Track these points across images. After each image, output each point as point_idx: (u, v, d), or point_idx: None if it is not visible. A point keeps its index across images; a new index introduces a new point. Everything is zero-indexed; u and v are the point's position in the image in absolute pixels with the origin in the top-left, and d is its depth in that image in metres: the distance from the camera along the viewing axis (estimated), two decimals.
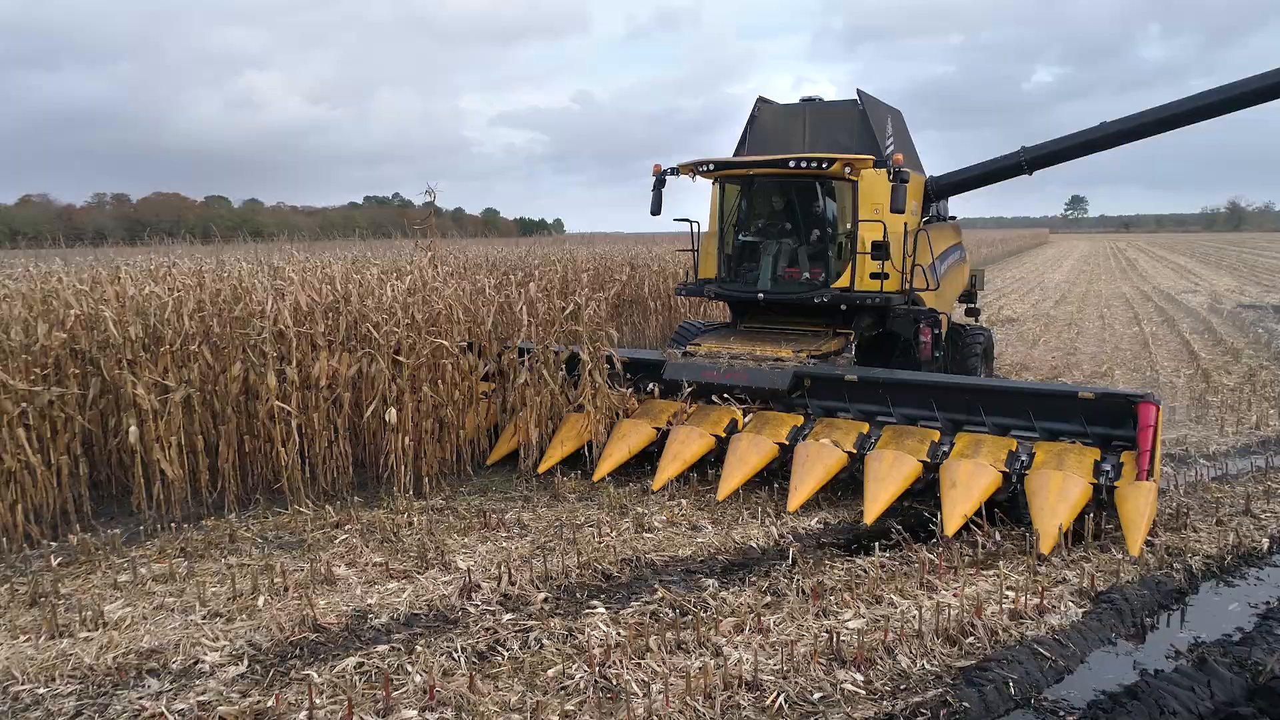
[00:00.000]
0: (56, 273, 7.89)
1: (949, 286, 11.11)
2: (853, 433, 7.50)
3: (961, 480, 6.56)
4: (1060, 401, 7.11)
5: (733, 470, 7.37)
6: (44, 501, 6.80)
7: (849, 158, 8.78)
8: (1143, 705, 4.21)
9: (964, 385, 7.73)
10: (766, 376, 8.11)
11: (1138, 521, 5.96)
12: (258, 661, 4.84)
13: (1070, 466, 6.48)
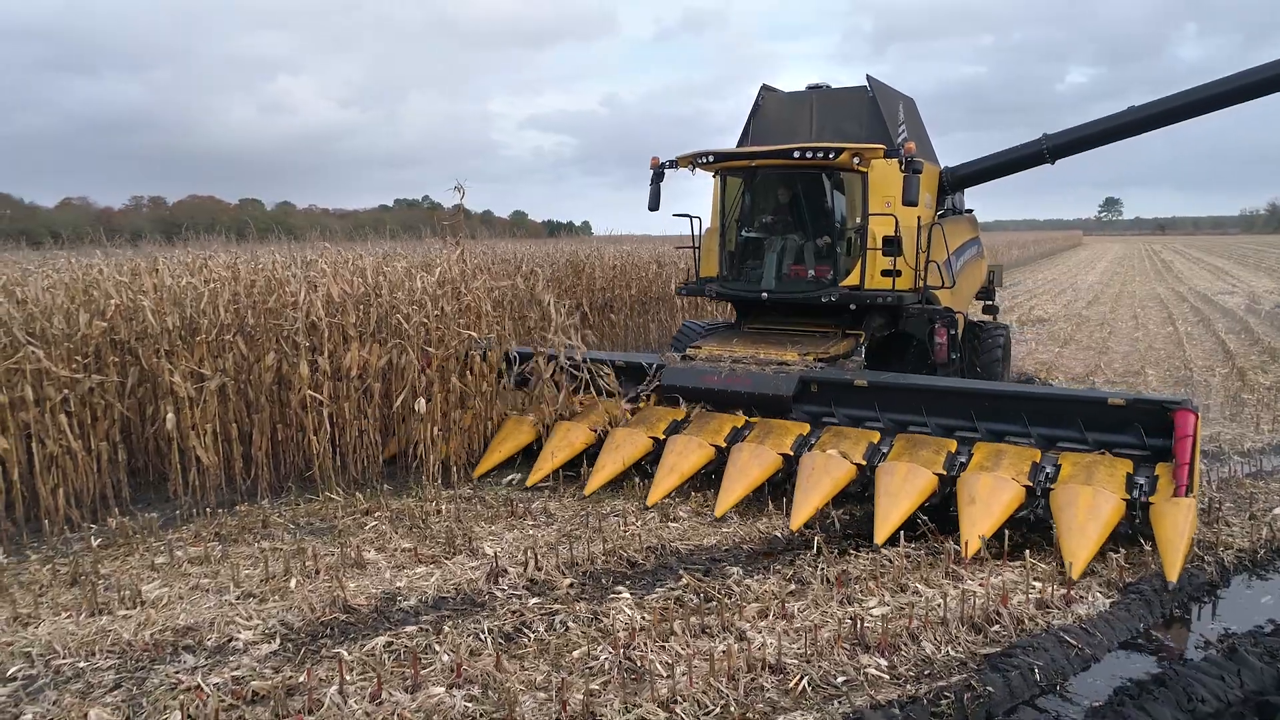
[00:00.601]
0: (98, 264, 8.06)
1: (966, 284, 10.65)
2: (863, 442, 6.97)
3: (981, 495, 5.99)
4: (1088, 408, 6.61)
5: (732, 483, 6.84)
6: (84, 486, 6.97)
7: (858, 147, 8.32)
8: (1170, 693, 4.18)
9: (984, 391, 7.19)
10: (770, 382, 7.61)
11: (1176, 542, 5.36)
12: (290, 640, 4.94)
13: (1101, 480, 5.91)
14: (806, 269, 9.10)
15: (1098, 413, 6.53)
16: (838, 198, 9.11)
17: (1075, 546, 5.52)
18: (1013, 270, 45.00)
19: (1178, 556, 5.32)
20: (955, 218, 10.85)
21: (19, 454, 6.66)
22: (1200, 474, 5.96)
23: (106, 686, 4.43)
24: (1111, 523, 5.67)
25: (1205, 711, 4.10)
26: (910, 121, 10.16)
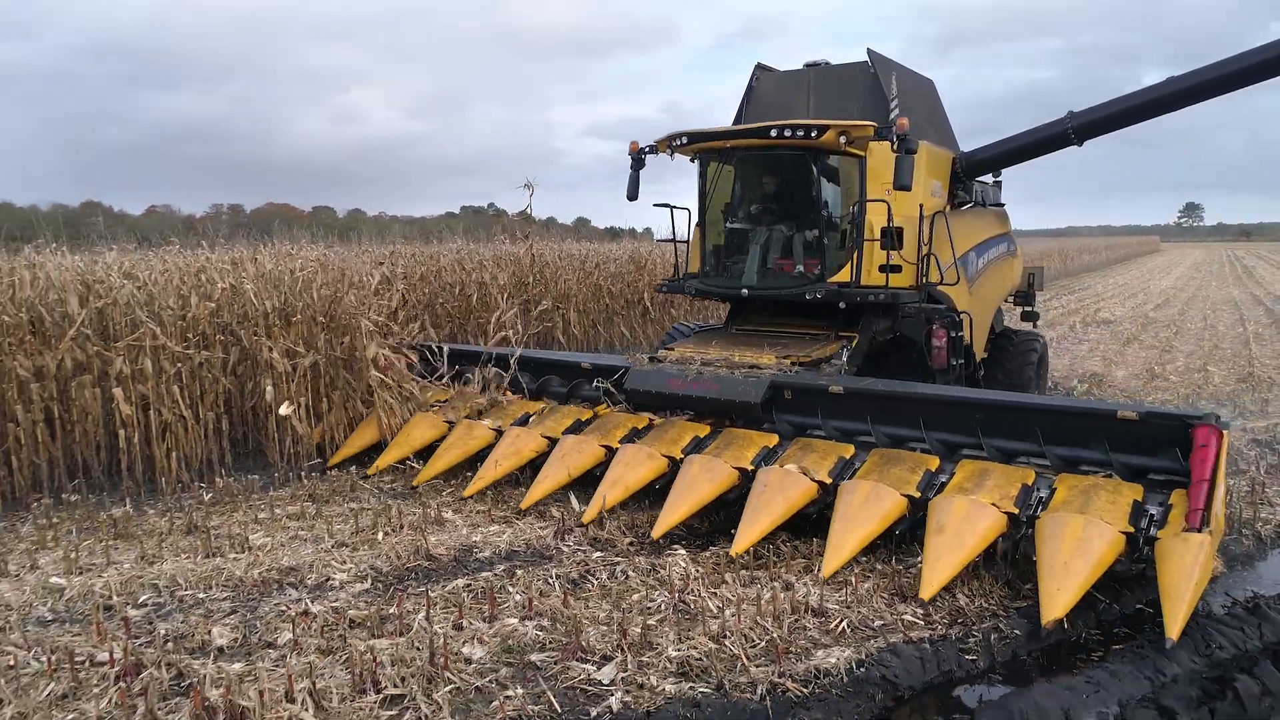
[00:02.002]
0: (204, 253, 8.87)
1: (990, 284, 9.52)
2: (831, 457, 6.17)
3: (952, 524, 5.06)
4: (1095, 423, 5.65)
5: (678, 500, 6.01)
6: (193, 451, 7.72)
7: (844, 124, 7.42)
8: (1189, 640, 4.47)
9: (972, 400, 6.30)
10: (738, 388, 6.81)
11: (1180, 589, 4.36)
12: (379, 581, 5.52)
13: (1098, 508, 4.97)
14: (794, 264, 8.23)
15: (1105, 428, 5.57)
16: (828, 185, 8.24)
17: (1053, 588, 4.53)
18: (1082, 275, 44.21)
19: (1180, 606, 4.29)
20: (977, 210, 10.01)
21: (138, 420, 7.42)
22: (1224, 502, 4.98)
23: (224, 612, 5.06)
24: (1105, 561, 4.69)
25: (1221, 657, 4.38)
26: (913, 99, 9.10)
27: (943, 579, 4.84)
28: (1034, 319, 11.54)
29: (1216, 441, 4.98)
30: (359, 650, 4.42)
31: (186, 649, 4.57)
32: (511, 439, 7.20)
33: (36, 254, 7.93)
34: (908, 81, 9.07)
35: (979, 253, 9.25)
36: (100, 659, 4.41)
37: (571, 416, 7.48)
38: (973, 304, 8.79)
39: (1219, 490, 4.86)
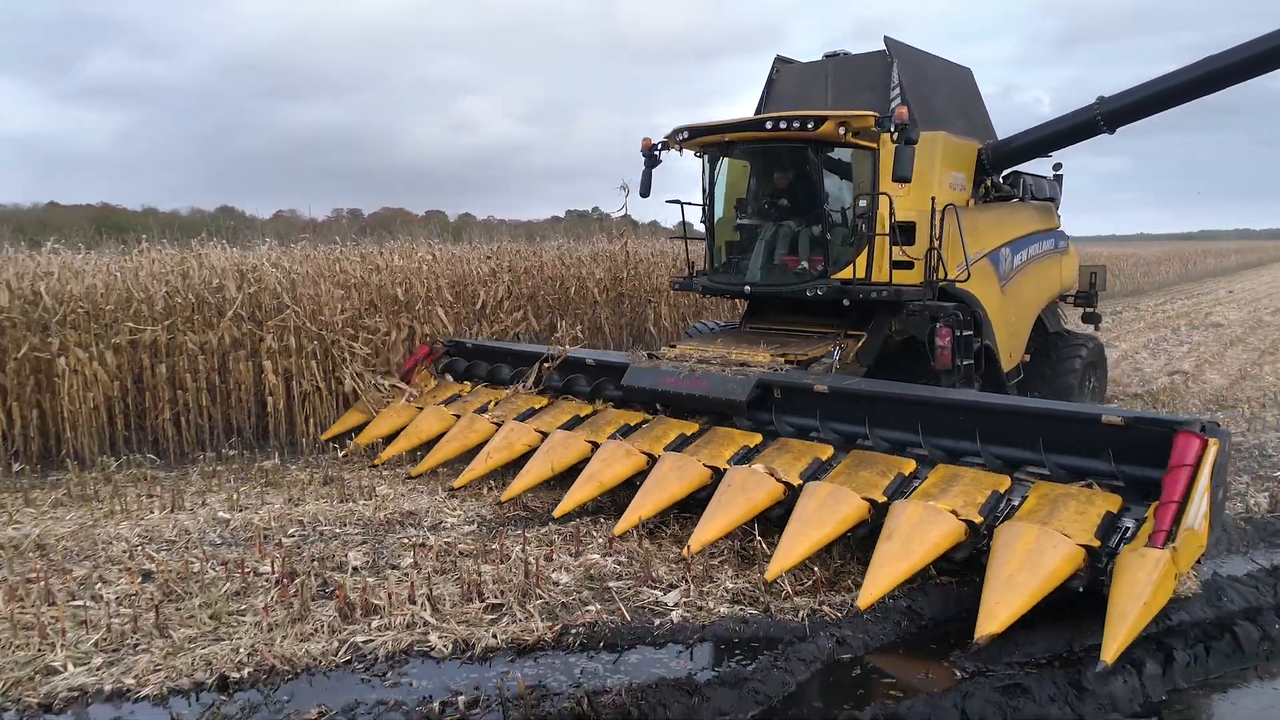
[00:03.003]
0: (339, 247, 10.10)
1: (1029, 282, 9.07)
2: (806, 458, 5.97)
3: (902, 530, 4.78)
4: (1078, 428, 5.27)
5: (645, 497, 5.91)
6: (327, 418, 8.87)
7: (843, 115, 7.15)
8: (1204, 594, 4.90)
9: (951, 402, 5.95)
10: (725, 386, 6.70)
11: (1125, 609, 4.00)
12: (484, 525, 6.43)
13: (1063, 520, 4.65)
14: (798, 260, 7.97)
15: (1090, 434, 5.18)
16: (836, 179, 8.07)
17: (993, 601, 4.24)
18: (1205, 279, 42.26)
19: (1122, 628, 3.94)
20: (1012, 205, 9.45)
21: (283, 390, 8.61)
22: (1209, 517, 4.49)
23: (357, 542, 6.05)
24: (1057, 575, 4.36)
25: (1231, 609, 4.79)
26: (947, 93, 8.88)
27: (882, 589, 4.54)
28: (1096, 321, 10.94)
29: (1198, 450, 4.52)
30: (467, 571, 5.32)
31: (329, 567, 5.56)
32: (505, 433, 7.24)
33: (200, 247, 9.25)
34: (931, 70, 8.81)
35: (1014, 249, 8.81)
36: (262, 570, 5.45)
37: (570, 413, 7.52)
38: (1006, 303, 8.50)
39: (1196, 504, 4.39)
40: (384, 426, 8.26)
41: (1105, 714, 3.95)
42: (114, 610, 4.89)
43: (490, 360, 8.88)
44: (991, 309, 8.17)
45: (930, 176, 7.81)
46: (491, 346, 9.14)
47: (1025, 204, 9.57)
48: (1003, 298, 8.46)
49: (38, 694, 4.06)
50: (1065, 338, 9.82)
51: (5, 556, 5.74)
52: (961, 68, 9.43)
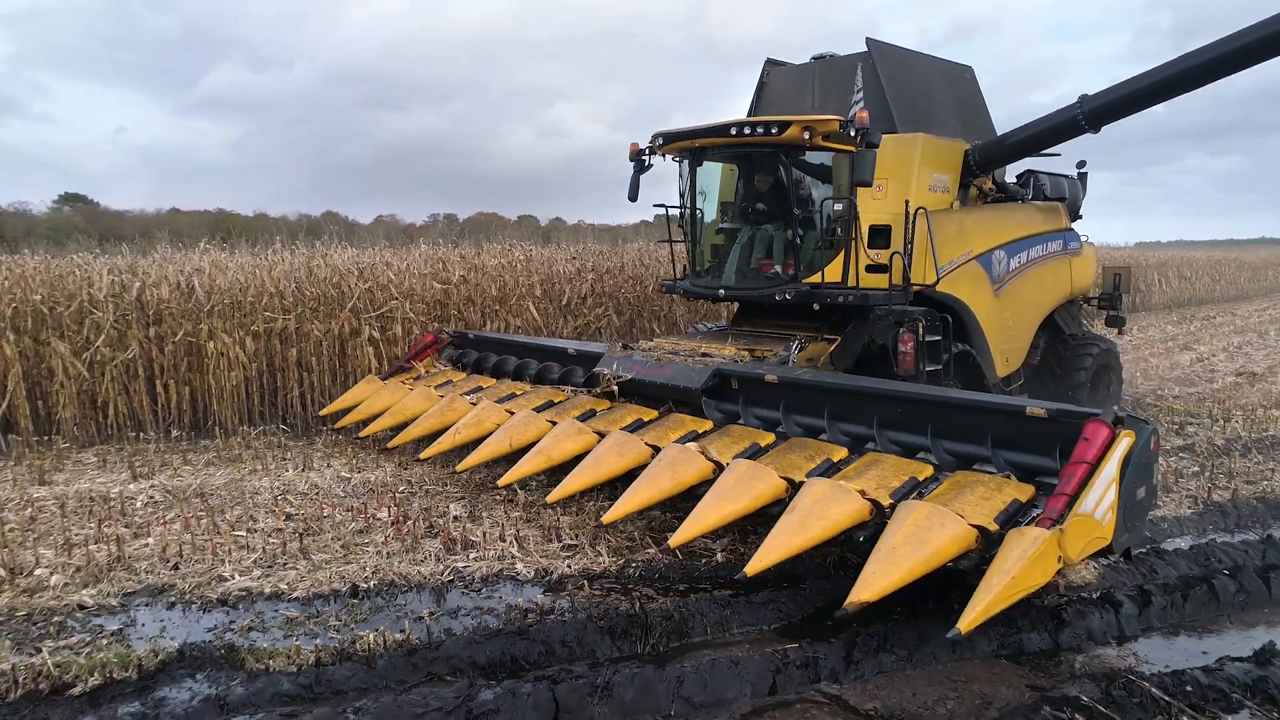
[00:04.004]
0: (440, 248, 11.32)
1: (1030, 285, 8.90)
2: (745, 442, 6.12)
3: (804, 505, 4.81)
4: (1002, 420, 5.25)
5: (582, 471, 6.02)
6: None
7: (810, 119, 7.18)
8: (1196, 554, 5.49)
9: (882, 393, 5.99)
10: (686, 374, 6.90)
11: (991, 581, 4.02)
12: None
13: (964, 503, 4.67)
14: (773, 264, 8.08)
15: (1014, 426, 5.15)
16: (810, 182, 8.00)
17: (871, 570, 4.23)
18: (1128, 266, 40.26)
19: (984, 598, 3.93)
20: (1010, 206, 9.21)
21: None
22: (1116, 509, 4.44)
23: (456, 497, 7.10)
24: (943, 553, 4.33)
25: (1217, 567, 5.37)
26: (935, 93, 8.81)
27: (771, 559, 4.56)
28: (1119, 324, 10.68)
29: (1104, 439, 4.50)
30: (549, 520, 6.30)
31: (434, 515, 6.62)
32: (475, 413, 7.45)
33: (325, 248, 10.57)
34: (918, 70, 8.77)
35: (1011, 252, 8.60)
36: (380, 515, 6.55)
37: (545, 398, 7.76)
38: (1000, 307, 8.38)
39: (1098, 492, 4.37)
40: (377, 405, 8.60)
41: (1081, 641, 4.64)
42: (266, 539, 6.06)
43: (494, 351, 9.17)
44: (982, 313, 8.11)
45: (908, 179, 7.79)
46: (492, 338, 9.47)
47: (1026, 205, 9.33)
48: (996, 301, 8.34)
49: (215, 592, 5.21)
50: (1075, 342, 9.59)
51: (176, 499, 7.02)
52: (960, 67, 9.38)
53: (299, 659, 4.28)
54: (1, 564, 5.54)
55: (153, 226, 31.08)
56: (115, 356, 9.32)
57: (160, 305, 9.57)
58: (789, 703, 4.07)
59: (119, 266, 10.06)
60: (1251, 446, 8.28)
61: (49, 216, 38.21)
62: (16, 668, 4.11)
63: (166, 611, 5.02)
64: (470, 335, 9.60)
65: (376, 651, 4.36)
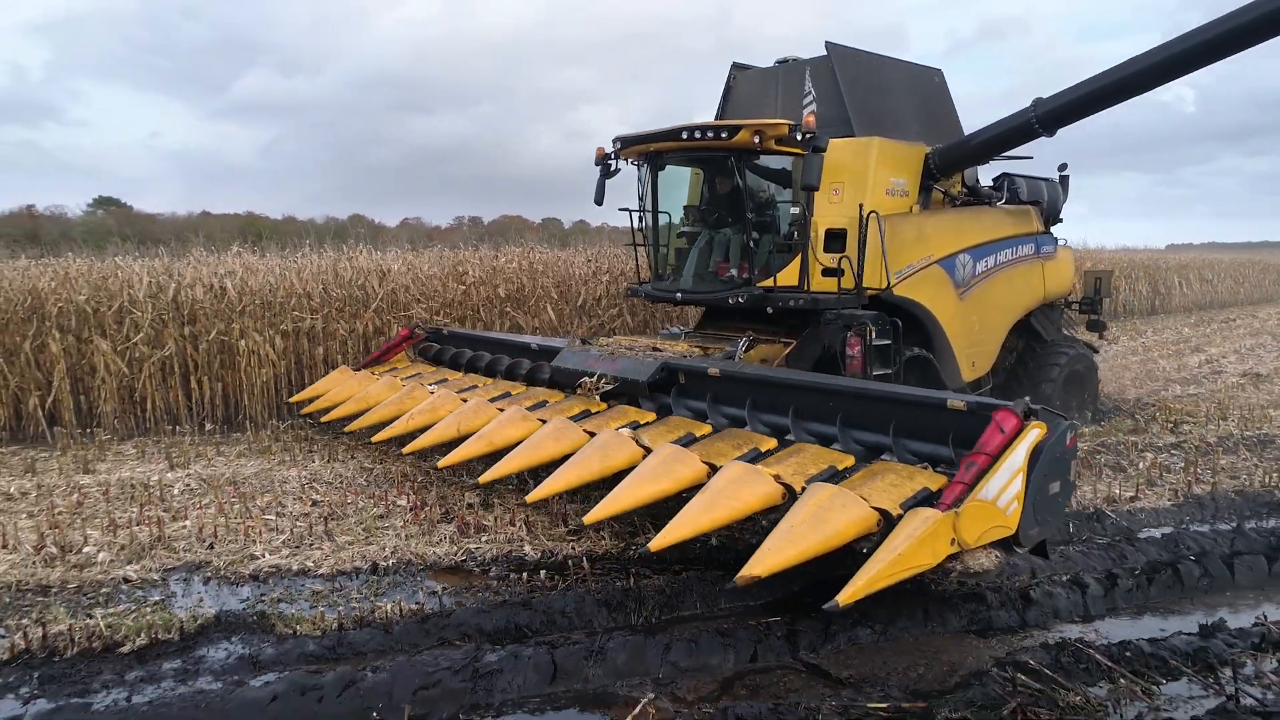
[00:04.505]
0: (460, 251, 11.78)
1: (997, 290, 8.81)
2: (680, 431, 6.19)
3: (716, 486, 4.91)
4: (925, 413, 5.28)
5: (518, 455, 6.15)
6: None
7: (759, 124, 7.25)
8: (1167, 542, 5.79)
9: (814, 386, 6.04)
10: (635, 367, 6.99)
11: (878, 557, 4.09)
12: None
13: (872, 488, 4.71)
14: (729, 267, 8.15)
15: (936, 418, 5.17)
16: (766, 185, 8.12)
17: (768, 546, 4.29)
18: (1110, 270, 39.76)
19: (866, 574, 3.99)
20: (976, 209, 9.02)
21: None
22: (1022, 498, 4.48)
23: (470, 486, 7.52)
24: (842, 534, 4.36)
25: (1185, 554, 5.67)
26: (898, 97, 8.80)
27: (676, 536, 4.64)
28: (1100, 328, 10.54)
29: (1012, 428, 4.52)
30: (558, 506, 6.71)
31: (450, 502, 7.05)
32: (431, 400, 7.68)
33: (350, 251, 11.07)
34: (880, 74, 8.76)
35: (976, 256, 8.54)
36: (400, 502, 6.98)
37: (504, 389, 7.97)
38: (965, 311, 8.35)
39: (1002, 480, 4.41)
40: (342, 393, 8.94)
41: (1047, 619, 4.97)
42: (293, 523, 6.51)
43: (466, 346, 9.36)
44: (946, 317, 8.12)
45: (863, 182, 7.76)
46: (465, 334, 9.67)
47: (994, 209, 9.18)
48: (961, 305, 8.32)
49: (247, 569, 5.66)
50: (1046, 347, 9.57)
51: (210, 487, 7.50)
52: (928, 70, 9.39)
53: (323, 624, 4.71)
54: (54, 542, 6.04)
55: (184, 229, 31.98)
56: (153, 354, 9.86)
57: (195, 305, 10.10)
58: (769, 669, 4.44)
59: (156, 268, 10.61)
60: (1240, 444, 8.52)
61: (84, 220, 39.28)
62: (73, 628, 4.58)
63: (203, 585, 5.47)
64: (444, 332, 9.82)
65: (393, 619, 4.78)
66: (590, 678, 4.26)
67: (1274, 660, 4.18)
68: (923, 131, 8.71)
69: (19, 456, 8.81)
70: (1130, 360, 15.09)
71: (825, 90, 8.51)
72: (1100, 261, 24.44)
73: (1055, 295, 9.85)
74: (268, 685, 4.02)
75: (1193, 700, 3.86)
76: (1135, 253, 29.54)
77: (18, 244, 15.99)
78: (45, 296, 9.85)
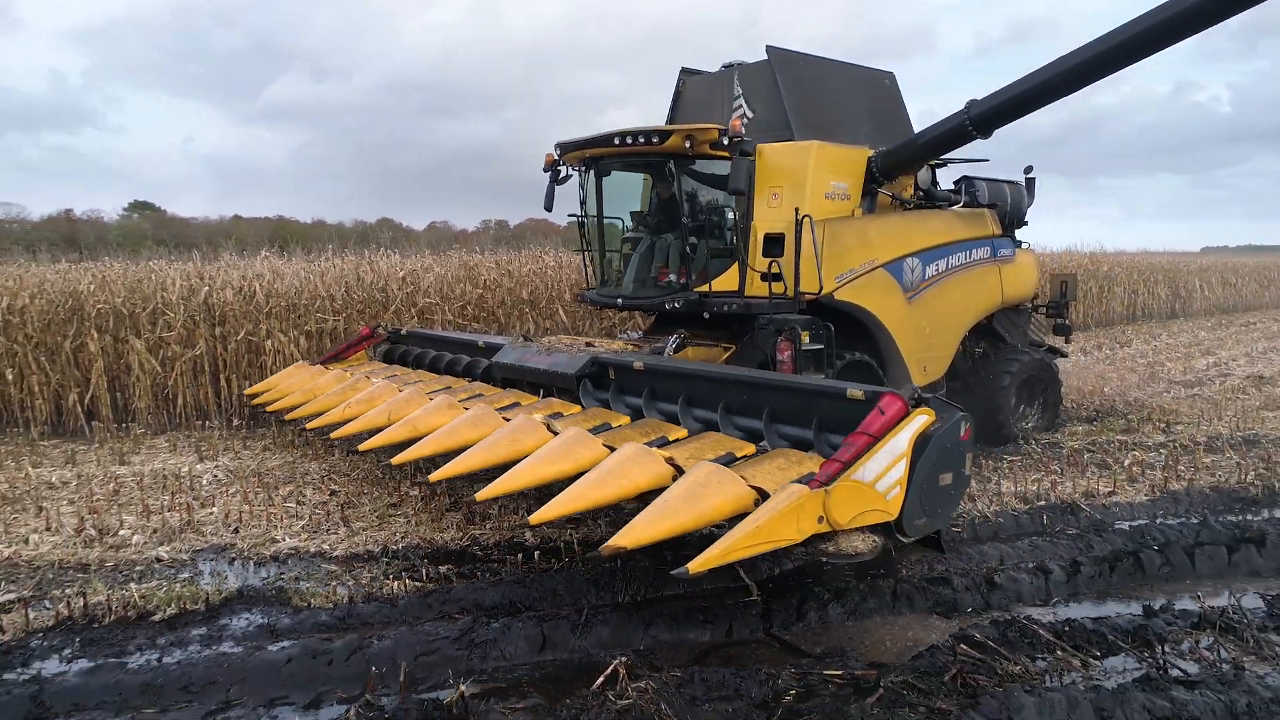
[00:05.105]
0: (479, 254, 12.25)
1: (949, 294, 8.68)
2: (597, 420, 6.18)
3: (608, 466, 4.90)
4: (826, 402, 5.21)
5: (433, 440, 6.13)
6: None
7: (690, 128, 7.31)
8: (1134, 533, 6.08)
9: (712, 375, 6.19)
10: (566, 362, 7.06)
11: (744, 528, 4.07)
12: None
13: (759, 470, 4.71)
14: (669, 272, 8.14)
15: (838, 408, 5.07)
16: (707, 190, 8.09)
17: (641, 520, 4.25)
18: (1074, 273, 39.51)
19: (723, 545, 4.00)
20: (924, 213, 8.84)
21: None
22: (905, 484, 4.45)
23: (481, 477, 7.93)
24: (717, 512, 4.34)
25: (1148, 544, 5.94)
26: (842, 100, 8.73)
27: (558, 511, 4.62)
28: (1066, 332, 10.38)
29: (896, 412, 4.48)
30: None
31: (459, 493, 7.47)
32: (369, 389, 7.88)
33: (371, 255, 11.57)
34: (824, 77, 8.70)
35: (925, 260, 8.44)
36: (412, 493, 7.42)
37: (446, 383, 8.08)
38: (914, 315, 8.29)
39: (881, 463, 4.37)
40: (291, 385, 9.17)
41: (1010, 602, 5.28)
42: (312, 510, 6.97)
43: (420, 346, 9.52)
44: (893, 322, 8.07)
45: (802, 186, 7.69)
46: (423, 334, 9.81)
47: (944, 212, 8.98)
48: (910, 309, 8.25)
49: (269, 551, 6.12)
50: (1002, 350, 9.38)
51: (236, 477, 7.99)
52: (879, 73, 9.34)
53: (335, 599, 5.15)
54: (92, 526, 6.55)
55: (216, 233, 32.93)
56: (184, 353, 10.40)
57: (224, 307, 10.64)
58: (743, 642, 4.81)
59: (189, 272, 11.17)
60: (1227, 444, 8.73)
61: (120, 224, 40.42)
62: (110, 599, 5.05)
63: (228, 565, 5.93)
64: (403, 332, 10.02)
65: (399, 595, 5.21)
66: (575, 648, 4.65)
67: (1209, 638, 4.47)
68: (872, 134, 8.65)
69: (60, 449, 9.38)
70: (1138, 363, 15.22)
71: (766, 94, 8.51)
72: (1117, 265, 24.49)
73: (1016, 299, 9.63)
74: (283, 650, 4.46)
75: (1126, 672, 4.16)
76: (1155, 255, 29.47)
77: (56, 247, 16.73)
78: (84, 299, 10.45)
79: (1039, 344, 9.93)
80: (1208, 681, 3.89)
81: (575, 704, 3.86)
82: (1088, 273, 22.68)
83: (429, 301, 11.21)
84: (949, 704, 3.72)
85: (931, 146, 8.19)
